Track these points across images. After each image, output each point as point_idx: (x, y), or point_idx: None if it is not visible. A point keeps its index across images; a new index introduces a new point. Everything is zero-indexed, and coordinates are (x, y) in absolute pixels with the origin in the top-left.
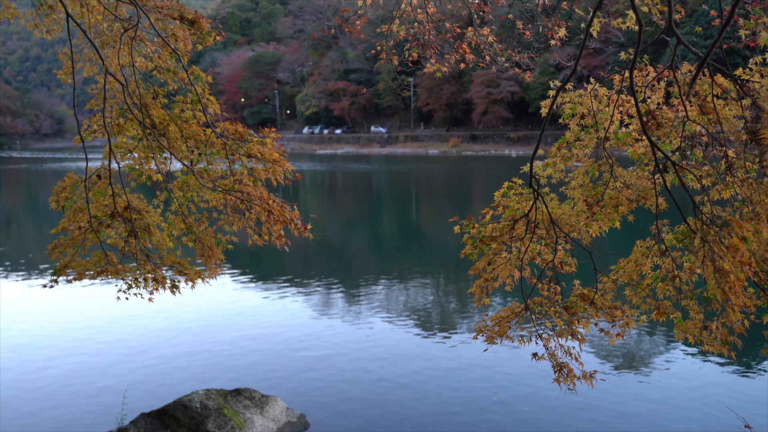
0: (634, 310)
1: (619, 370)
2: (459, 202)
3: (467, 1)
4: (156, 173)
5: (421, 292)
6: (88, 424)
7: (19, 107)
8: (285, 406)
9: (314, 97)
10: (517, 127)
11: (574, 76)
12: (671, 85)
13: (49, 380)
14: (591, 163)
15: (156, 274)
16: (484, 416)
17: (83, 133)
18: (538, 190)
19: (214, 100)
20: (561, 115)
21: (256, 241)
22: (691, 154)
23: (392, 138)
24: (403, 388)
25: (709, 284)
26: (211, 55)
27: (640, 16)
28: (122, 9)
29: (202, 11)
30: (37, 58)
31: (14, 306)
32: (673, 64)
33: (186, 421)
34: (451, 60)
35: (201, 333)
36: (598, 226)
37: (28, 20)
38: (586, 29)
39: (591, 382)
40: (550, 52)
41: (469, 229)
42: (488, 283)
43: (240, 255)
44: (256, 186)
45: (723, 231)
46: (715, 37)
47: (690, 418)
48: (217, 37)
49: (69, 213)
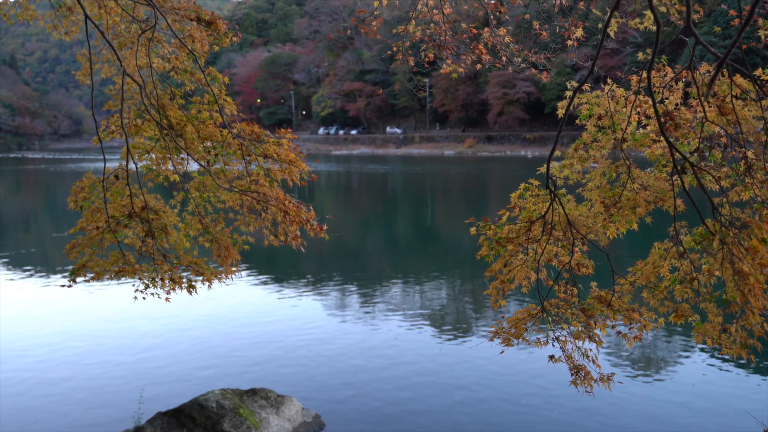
0: (652, 313)
1: (636, 372)
2: (475, 204)
3: (483, 2)
4: (173, 174)
5: (437, 294)
6: (105, 422)
7: (38, 108)
8: (300, 407)
9: (330, 98)
10: (533, 127)
11: (591, 76)
12: (689, 86)
13: (66, 379)
14: (608, 164)
15: (173, 274)
16: (498, 418)
17: (101, 133)
18: (555, 192)
19: (230, 101)
20: (578, 116)
21: (272, 241)
22: (709, 156)
23: (408, 139)
24: (418, 389)
25: (728, 286)
26: (228, 56)
27: (658, 16)
28: (140, 10)
29: (219, 12)
30: (55, 60)
31: (33, 305)
32: (692, 65)
33: (202, 420)
34: (467, 60)
35: (217, 333)
36: (615, 227)
37: (47, 22)
38: (603, 29)
39: (608, 384)
40: (567, 53)
41: (486, 230)
42: (504, 285)
43: (256, 255)
44: (272, 186)
45: (742, 233)
46: (734, 37)
47: (708, 421)
48: (234, 38)
49: (87, 213)
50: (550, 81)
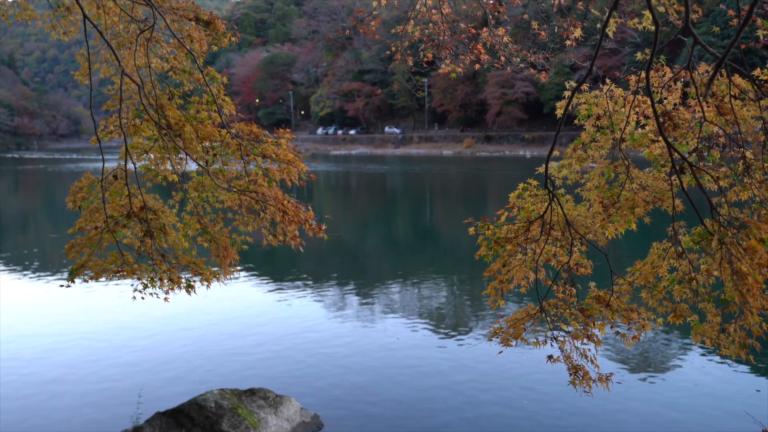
0: (651, 313)
1: (634, 372)
2: (473, 204)
3: (482, 2)
4: (171, 174)
5: (435, 294)
6: (103, 422)
7: (36, 108)
8: (299, 406)
9: (328, 98)
10: (532, 127)
11: (589, 76)
12: (688, 86)
13: (64, 379)
14: (607, 164)
15: (171, 274)
16: (498, 418)
17: (100, 133)
18: (554, 192)
19: (229, 101)
20: (576, 116)
21: (270, 241)
22: (708, 155)
23: (406, 139)
24: (417, 389)
25: (727, 286)
26: (226, 56)
27: (657, 16)
28: (138, 10)
29: (217, 12)
30: (54, 60)
31: (31, 305)
32: (690, 65)
33: (201, 420)
34: (465, 60)
35: (216, 333)
36: (614, 227)
37: (46, 22)
38: (601, 29)
39: (607, 384)
40: (566, 53)
41: (484, 230)
42: (503, 285)
43: (255, 255)
44: (270, 186)
45: (741, 233)
46: (732, 37)
47: (707, 421)
48: (233, 38)
49: (85, 213)
50: (549, 81)
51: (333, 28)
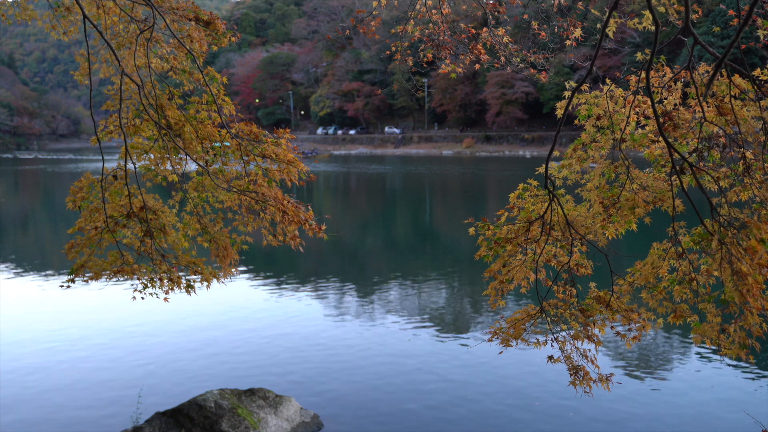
0: (651, 313)
1: (634, 373)
2: (473, 204)
3: (482, 2)
4: (171, 174)
5: (436, 294)
6: (103, 422)
7: (36, 108)
8: (299, 407)
9: (328, 98)
10: (532, 127)
11: (589, 76)
12: (688, 86)
13: (64, 379)
14: (607, 164)
15: (171, 274)
16: (497, 418)
17: (99, 133)
18: (554, 192)
19: (229, 101)
20: (576, 116)
21: (270, 241)
22: (708, 156)
23: (406, 139)
24: (416, 389)
25: (727, 287)
26: (226, 56)
27: (657, 16)
28: (138, 10)
29: (217, 12)
30: (53, 60)
31: (31, 305)
32: (690, 65)
33: (200, 420)
34: (465, 60)
35: (216, 333)
36: (614, 228)
37: (46, 22)
38: (601, 29)
39: (607, 385)
40: (566, 53)
41: (484, 230)
42: (503, 285)
43: (254, 255)
44: (270, 186)
45: (741, 233)
46: (732, 37)
47: (707, 421)
48: (232, 38)
49: (85, 213)
50: (549, 81)
51: (333, 28)
